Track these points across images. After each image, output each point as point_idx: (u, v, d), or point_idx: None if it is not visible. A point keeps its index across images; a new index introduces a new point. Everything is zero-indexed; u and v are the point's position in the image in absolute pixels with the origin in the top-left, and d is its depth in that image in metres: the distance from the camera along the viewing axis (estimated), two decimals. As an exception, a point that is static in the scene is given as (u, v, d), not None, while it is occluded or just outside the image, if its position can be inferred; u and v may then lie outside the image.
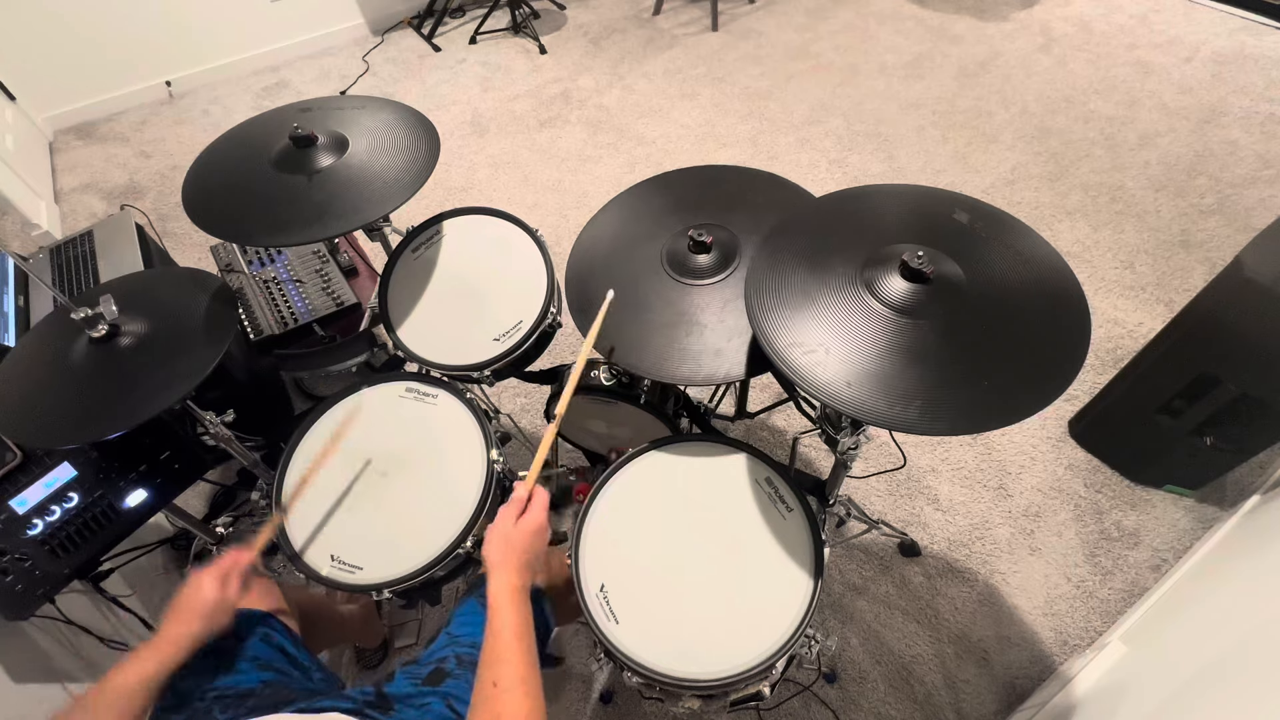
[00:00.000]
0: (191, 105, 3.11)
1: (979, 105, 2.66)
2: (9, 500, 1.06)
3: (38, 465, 1.10)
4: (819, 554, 0.92)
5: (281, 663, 0.87)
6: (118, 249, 1.60)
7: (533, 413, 1.84)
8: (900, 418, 0.74)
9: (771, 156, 2.55)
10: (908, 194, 1.00)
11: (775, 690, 1.15)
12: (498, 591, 0.70)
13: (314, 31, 3.34)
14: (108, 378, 0.97)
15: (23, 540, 1.04)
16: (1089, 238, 2.13)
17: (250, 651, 0.84)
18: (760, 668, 0.85)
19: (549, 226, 2.37)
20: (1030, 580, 1.48)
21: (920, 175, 2.41)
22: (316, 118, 1.24)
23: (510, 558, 0.72)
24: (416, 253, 1.26)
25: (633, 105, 2.85)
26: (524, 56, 3.20)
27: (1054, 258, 0.87)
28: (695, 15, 3.35)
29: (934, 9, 3.21)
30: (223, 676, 0.80)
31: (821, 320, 0.83)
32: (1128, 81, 2.67)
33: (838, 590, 1.49)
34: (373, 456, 1.07)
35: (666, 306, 1.04)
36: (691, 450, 1.05)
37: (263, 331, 1.52)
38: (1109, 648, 1.26)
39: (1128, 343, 1.85)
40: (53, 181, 2.79)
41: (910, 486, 1.64)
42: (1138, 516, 1.56)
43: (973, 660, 1.38)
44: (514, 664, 0.65)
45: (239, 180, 1.16)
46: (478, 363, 1.14)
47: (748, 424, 1.77)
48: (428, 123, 1.23)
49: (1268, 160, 2.29)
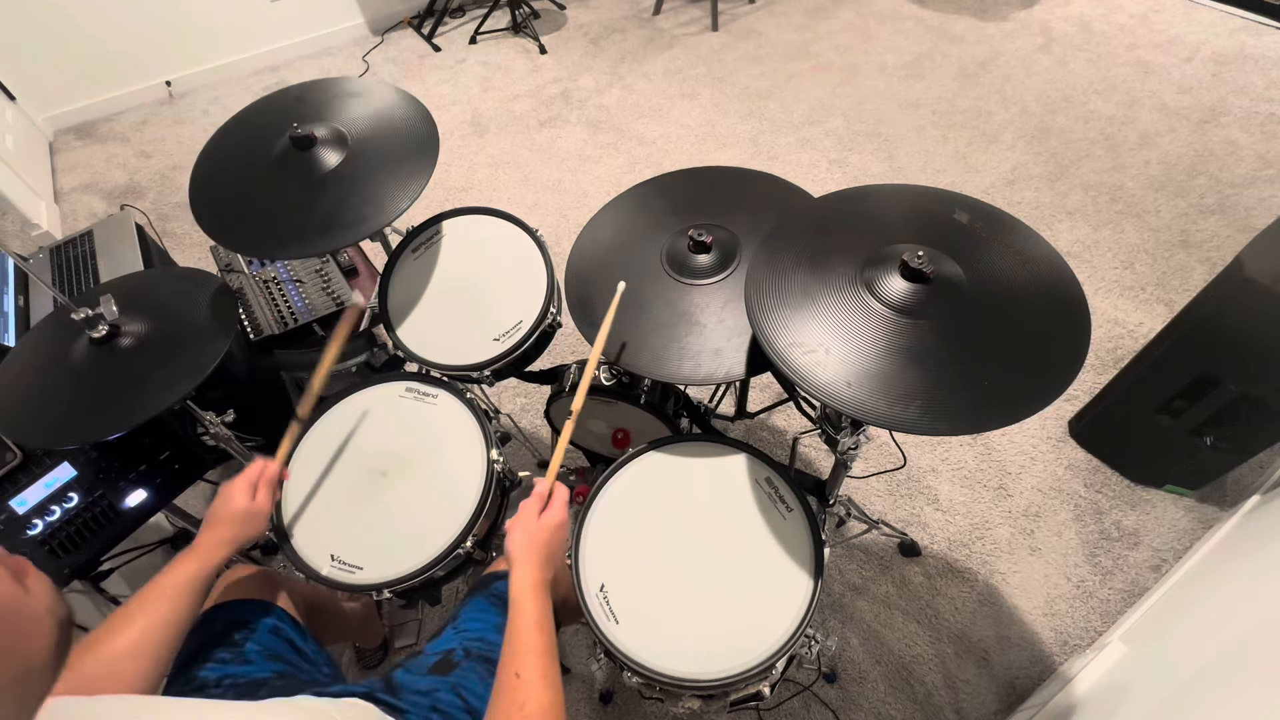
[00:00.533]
0: (191, 105, 3.11)
1: (979, 105, 2.66)
2: (9, 500, 1.06)
3: (38, 465, 1.10)
4: (819, 554, 0.92)
5: (290, 654, 0.87)
6: (118, 249, 1.60)
7: (533, 413, 1.84)
8: (900, 418, 0.74)
9: (771, 156, 2.55)
10: (908, 194, 1.00)
11: (775, 690, 1.15)
12: (520, 585, 0.71)
13: (314, 31, 3.34)
14: (108, 378, 0.97)
15: (23, 540, 1.04)
16: (1089, 238, 2.13)
17: (260, 643, 0.85)
18: (760, 668, 0.85)
19: (549, 226, 2.37)
20: (1030, 580, 1.48)
21: (920, 175, 2.41)
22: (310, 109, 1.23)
23: (532, 552, 0.73)
24: (416, 253, 1.26)
25: (633, 105, 2.85)
26: (524, 56, 3.20)
27: (1054, 258, 0.87)
28: (695, 15, 3.35)
29: (934, 9, 3.21)
30: (236, 666, 0.80)
31: (821, 320, 0.83)
32: (1128, 81, 2.67)
33: (838, 590, 1.49)
34: (373, 456, 1.07)
35: (666, 306, 1.04)
36: (691, 450, 1.05)
37: (263, 331, 1.52)
38: (1109, 648, 1.26)
39: (1128, 343, 1.85)
40: (53, 181, 2.79)
41: (910, 486, 1.64)
42: (1138, 516, 1.56)
43: (973, 660, 1.38)
44: (537, 656, 0.65)
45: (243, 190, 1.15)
46: (478, 363, 1.14)
47: (748, 424, 1.77)
48: (428, 124, 1.22)
49: (1268, 160, 2.29)
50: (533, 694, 0.63)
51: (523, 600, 0.69)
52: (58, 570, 1.06)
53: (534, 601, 0.70)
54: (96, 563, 1.14)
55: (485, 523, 1.03)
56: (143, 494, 1.15)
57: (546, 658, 0.66)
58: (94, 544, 1.10)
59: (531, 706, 0.62)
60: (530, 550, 0.74)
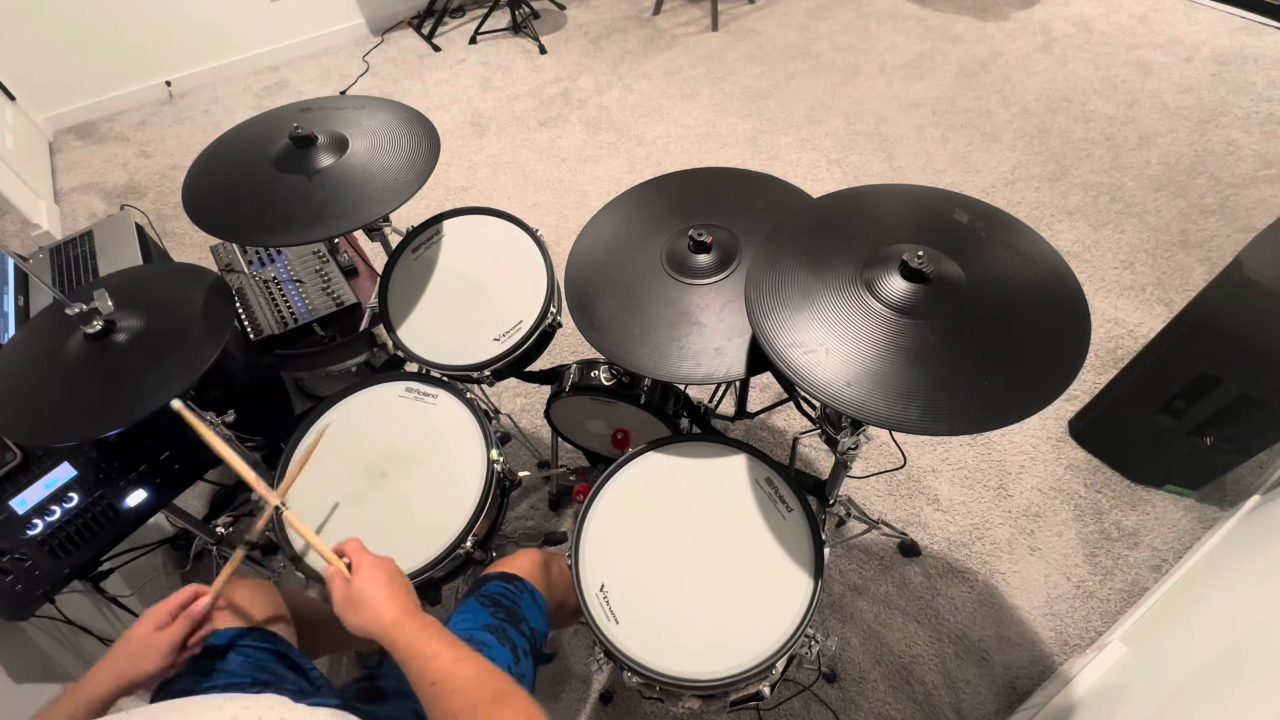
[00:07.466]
0: (191, 105, 3.11)
1: (979, 105, 2.66)
2: (9, 500, 1.06)
3: (38, 465, 1.10)
4: (819, 554, 0.92)
5: (278, 666, 0.87)
6: (118, 249, 1.60)
7: (533, 413, 1.84)
8: (900, 418, 0.74)
9: (771, 156, 2.55)
10: (908, 194, 1.00)
11: (775, 690, 1.15)
12: (385, 633, 0.66)
13: (314, 31, 3.33)
14: (104, 374, 0.96)
15: (23, 540, 1.04)
16: (1089, 238, 2.13)
17: (245, 655, 0.84)
18: (760, 668, 0.85)
19: (549, 226, 2.36)
20: (1030, 580, 1.48)
21: (920, 175, 2.41)
22: (316, 118, 1.24)
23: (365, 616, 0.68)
24: (416, 253, 1.26)
25: (633, 105, 2.85)
26: (524, 56, 3.20)
27: (1054, 258, 0.87)
28: (695, 15, 3.35)
29: (934, 9, 3.21)
30: (218, 677, 0.80)
31: (821, 320, 0.83)
32: (1128, 81, 2.67)
33: (838, 590, 1.49)
34: (373, 457, 1.07)
35: (667, 306, 1.04)
36: (691, 450, 1.05)
37: (263, 331, 1.52)
38: (1109, 648, 1.26)
39: (1128, 343, 1.85)
40: (53, 181, 2.79)
41: (910, 486, 1.64)
42: (1138, 516, 1.56)
43: (973, 660, 1.38)
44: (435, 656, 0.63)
45: (239, 180, 1.16)
46: (478, 363, 1.14)
47: (748, 424, 1.77)
48: (428, 123, 1.23)
49: (1268, 160, 2.29)
50: (456, 682, 0.61)
51: (396, 637, 0.65)
52: (58, 570, 1.06)
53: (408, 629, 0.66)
54: (96, 563, 1.13)
55: (485, 523, 1.03)
56: (143, 494, 1.15)
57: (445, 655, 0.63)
58: (94, 544, 1.10)
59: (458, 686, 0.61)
60: (363, 614, 0.68)
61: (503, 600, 0.92)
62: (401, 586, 0.72)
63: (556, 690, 1.39)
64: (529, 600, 0.95)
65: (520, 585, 0.96)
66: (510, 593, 0.94)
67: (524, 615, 0.92)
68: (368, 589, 0.69)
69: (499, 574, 0.97)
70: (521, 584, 0.96)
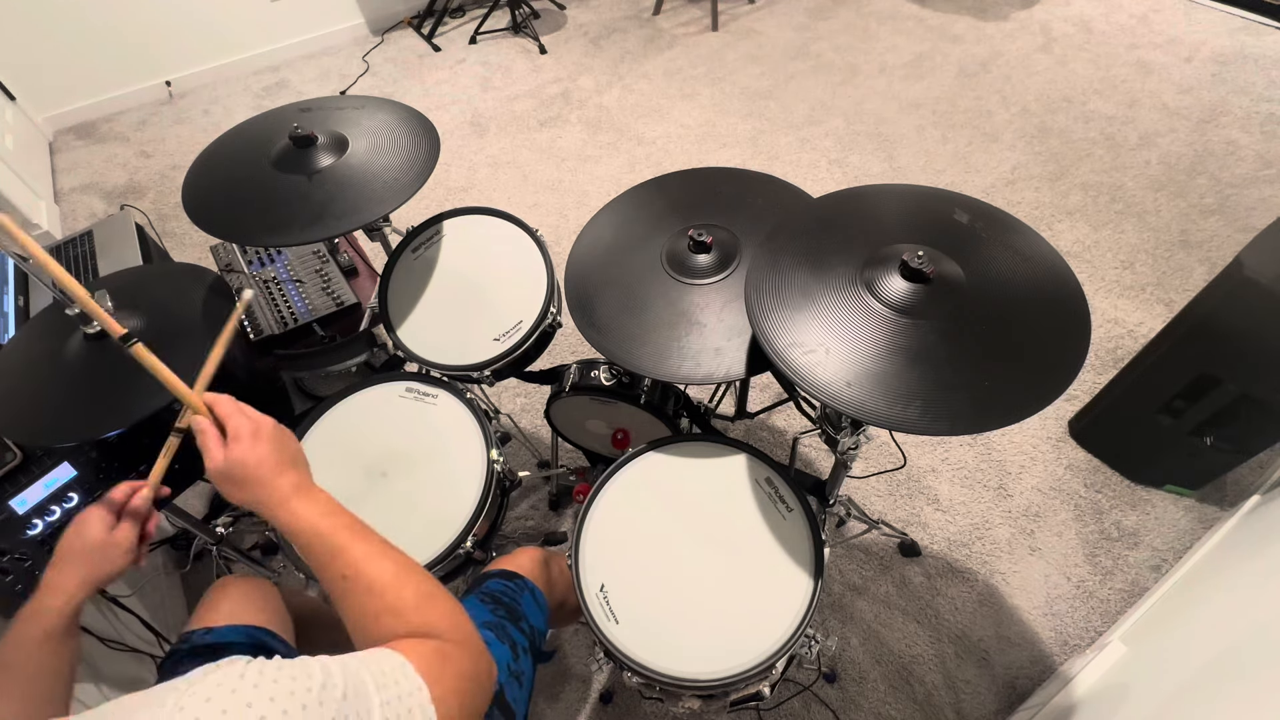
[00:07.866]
0: (191, 105, 3.11)
1: (979, 105, 2.66)
2: (9, 500, 1.06)
3: (38, 465, 1.09)
4: (819, 554, 0.92)
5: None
6: (118, 249, 1.60)
7: (533, 413, 1.84)
8: (900, 418, 0.74)
9: (772, 156, 2.55)
10: (908, 194, 1.00)
11: (775, 690, 1.15)
12: (274, 516, 0.59)
13: (314, 31, 3.33)
14: (104, 375, 0.96)
15: (23, 540, 1.04)
16: (1089, 238, 2.13)
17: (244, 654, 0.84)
18: (760, 668, 0.85)
19: (549, 226, 2.36)
20: (1030, 580, 1.48)
21: (920, 175, 2.41)
22: (316, 118, 1.24)
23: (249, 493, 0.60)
24: (416, 253, 1.26)
25: (633, 105, 2.85)
26: (524, 56, 3.20)
27: (1054, 258, 0.87)
28: (695, 15, 3.35)
29: (934, 9, 3.21)
30: None
31: (821, 320, 0.83)
32: (1128, 81, 2.67)
33: (838, 590, 1.49)
34: (373, 457, 1.07)
35: (667, 306, 1.04)
36: (691, 450, 1.05)
37: (263, 331, 1.52)
38: (1109, 648, 1.26)
39: (1128, 343, 1.85)
40: (53, 181, 2.79)
41: (910, 486, 1.64)
42: (1138, 516, 1.56)
43: (973, 660, 1.38)
44: (344, 548, 0.57)
45: (239, 180, 1.16)
46: (478, 363, 1.15)
47: (748, 424, 1.77)
48: (428, 123, 1.23)
49: (1268, 160, 2.29)
50: (370, 573, 0.56)
51: (287, 523, 0.59)
52: (58, 570, 1.06)
53: (293, 513, 0.59)
54: (96, 563, 1.13)
55: (485, 523, 1.03)
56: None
57: (356, 539, 0.58)
58: (94, 544, 1.10)
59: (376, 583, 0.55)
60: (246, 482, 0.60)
61: (503, 597, 0.92)
62: (289, 454, 0.63)
63: (556, 690, 1.39)
64: (529, 598, 0.95)
65: (520, 583, 0.96)
66: (510, 590, 0.94)
67: (524, 613, 0.92)
68: (250, 459, 0.61)
69: (499, 571, 0.97)
70: (522, 581, 0.97)
